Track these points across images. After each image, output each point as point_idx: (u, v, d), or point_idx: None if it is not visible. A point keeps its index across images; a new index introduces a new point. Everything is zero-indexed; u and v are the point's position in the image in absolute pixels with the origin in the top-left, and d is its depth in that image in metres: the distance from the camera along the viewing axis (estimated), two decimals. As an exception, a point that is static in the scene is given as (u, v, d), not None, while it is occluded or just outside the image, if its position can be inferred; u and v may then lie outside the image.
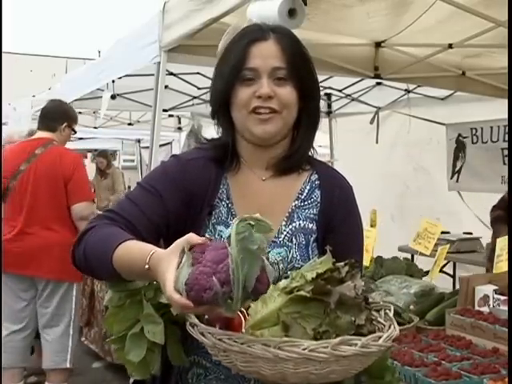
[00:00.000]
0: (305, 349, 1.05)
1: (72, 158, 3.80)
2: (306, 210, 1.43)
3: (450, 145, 5.69)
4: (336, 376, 1.11)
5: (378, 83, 5.41)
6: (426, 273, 3.67)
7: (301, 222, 1.41)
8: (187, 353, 1.35)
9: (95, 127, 8.29)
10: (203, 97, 5.89)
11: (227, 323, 1.18)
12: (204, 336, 1.12)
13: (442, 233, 4.10)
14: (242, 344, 1.07)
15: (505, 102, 3.60)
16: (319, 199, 1.44)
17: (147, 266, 1.14)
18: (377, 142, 5.93)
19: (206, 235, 1.36)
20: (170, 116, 8.19)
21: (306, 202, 1.44)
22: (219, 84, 1.39)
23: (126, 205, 1.38)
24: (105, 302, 1.32)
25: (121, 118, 8.16)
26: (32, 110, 6.64)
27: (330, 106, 6.62)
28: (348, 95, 6.06)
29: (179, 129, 8.82)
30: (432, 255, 3.57)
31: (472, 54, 3.95)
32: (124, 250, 1.22)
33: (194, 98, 6.19)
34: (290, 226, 1.40)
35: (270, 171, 1.44)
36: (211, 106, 1.43)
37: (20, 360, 3.78)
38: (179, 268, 1.06)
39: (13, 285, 3.71)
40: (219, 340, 1.09)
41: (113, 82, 5.04)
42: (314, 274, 1.17)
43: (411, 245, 3.72)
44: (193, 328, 1.15)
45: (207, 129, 5.88)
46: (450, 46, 3.60)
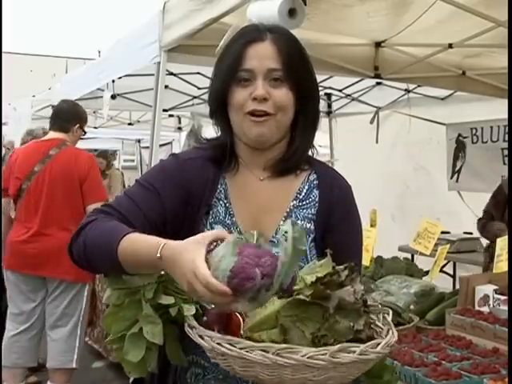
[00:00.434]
0: (303, 356, 1.05)
1: (86, 159, 3.79)
2: (305, 210, 1.43)
3: (450, 145, 5.69)
4: (333, 382, 1.11)
5: (378, 83, 5.41)
6: (426, 273, 3.67)
7: (299, 221, 1.40)
8: (185, 352, 1.35)
9: (95, 127, 8.27)
10: (203, 97, 5.89)
11: (226, 325, 1.17)
12: (202, 339, 1.11)
13: (442, 233, 4.10)
14: (241, 349, 1.06)
15: (505, 102, 3.59)
16: (317, 199, 1.44)
17: (159, 255, 1.14)
18: (377, 142, 5.93)
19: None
20: (170, 116, 8.20)
21: (305, 202, 1.43)
22: (217, 84, 1.39)
23: (123, 201, 1.38)
24: (104, 300, 1.32)
25: (121, 118, 8.16)
26: (32, 109, 6.65)
27: (330, 106, 6.63)
28: (348, 95, 6.06)
29: (179, 129, 8.84)
30: (432, 255, 3.57)
31: (472, 53, 3.94)
32: (130, 242, 1.22)
33: (194, 97, 6.19)
34: (289, 226, 1.40)
35: (268, 172, 1.43)
36: (209, 106, 1.43)
37: (27, 360, 3.76)
38: (216, 257, 1.08)
39: (23, 286, 3.69)
40: (218, 344, 1.08)
41: (113, 81, 5.05)
42: (314, 278, 1.16)
43: (411, 245, 3.71)
44: (191, 330, 1.15)
45: (207, 129, 5.88)
46: (450, 45, 3.60)
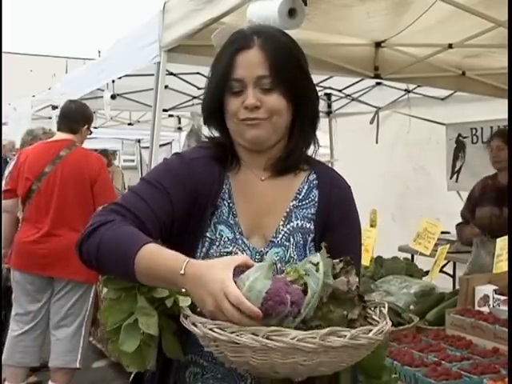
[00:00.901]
0: (293, 338, 1.05)
1: (96, 159, 3.82)
2: (304, 210, 1.43)
3: (450, 145, 5.69)
4: (325, 369, 1.11)
5: (377, 83, 5.42)
6: (426, 273, 3.66)
7: (298, 221, 1.41)
8: (184, 351, 1.35)
9: (95, 127, 8.19)
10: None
11: None
12: (195, 326, 1.12)
13: (442, 233, 4.10)
14: (231, 333, 1.07)
15: (505, 102, 3.59)
16: (317, 199, 1.44)
17: (182, 271, 1.14)
18: (377, 142, 5.94)
19: (207, 234, 1.37)
20: (170, 116, 8.20)
21: (304, 202, 1.43)
22: (210, 93, 1.40)
23: (133, 200, 1.35)
24: (103, 295, 1.32)
25: (121, 118, 8.16)
26: (32, 109, 6.66)
27: (329, 106, 6.63)
28: (348, 95, 6.07)
29: (179, 129, 8.84)
30: (432, 255, 3.57)
31: (472, 54, 3.95)
32: (149, 253, 1.19)
33: (194, 97, 6.19)
34: (288, 226, 1.40)
35: (268, 172, 1.44)
36: (202, 112, 1.43)
37: (31, 360, 3.76)
38: (248, 279, 1.10)
39: (29, 286, 3.68)
40: (209, 330, 1.09)
41: (113, 81, 5.05)
42: (308, 268, 1.17)
43: (411, 245, 3.72)
44: (185, 319, 1.16)
45: (207, 129, 5.87)
46: (450, 45, 3.61)
